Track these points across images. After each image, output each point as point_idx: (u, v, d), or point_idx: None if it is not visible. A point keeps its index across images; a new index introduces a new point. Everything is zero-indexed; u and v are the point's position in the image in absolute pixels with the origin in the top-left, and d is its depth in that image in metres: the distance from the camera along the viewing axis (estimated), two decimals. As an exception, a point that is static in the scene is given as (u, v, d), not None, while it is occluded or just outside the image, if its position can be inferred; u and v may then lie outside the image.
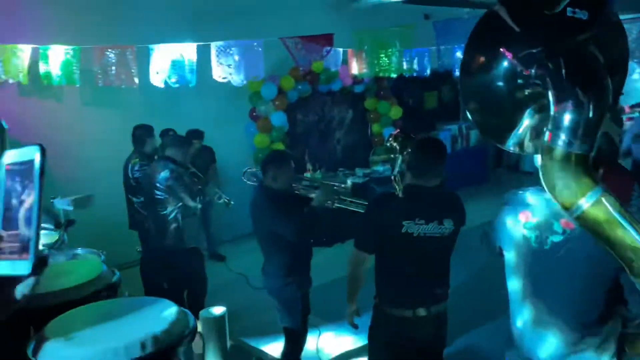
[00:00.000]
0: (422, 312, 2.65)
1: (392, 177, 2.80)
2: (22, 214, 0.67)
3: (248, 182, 4.02)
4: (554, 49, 1.65)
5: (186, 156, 4.48)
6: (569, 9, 1.65)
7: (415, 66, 5.47)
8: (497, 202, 2.24)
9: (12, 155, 0.71)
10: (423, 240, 2.58)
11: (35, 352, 1.11)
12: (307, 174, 7.17)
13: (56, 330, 1.16)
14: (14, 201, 0.68)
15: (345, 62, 6.44)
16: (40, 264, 0.66)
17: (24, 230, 0.66)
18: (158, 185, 4.22)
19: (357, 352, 4.15)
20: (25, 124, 5.03)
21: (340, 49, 5.92)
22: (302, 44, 4.60)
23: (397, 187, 2.72)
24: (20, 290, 0.69)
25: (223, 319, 1.88)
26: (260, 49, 4.75)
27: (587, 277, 1.85)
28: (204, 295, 4.54)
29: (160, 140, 5.09)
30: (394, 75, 5.32)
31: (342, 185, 3.49)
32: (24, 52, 5.01)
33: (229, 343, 1.94)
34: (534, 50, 1.66)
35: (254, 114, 7.41)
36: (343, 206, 3.49)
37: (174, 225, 4.27)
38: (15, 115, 5.09)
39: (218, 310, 1.91)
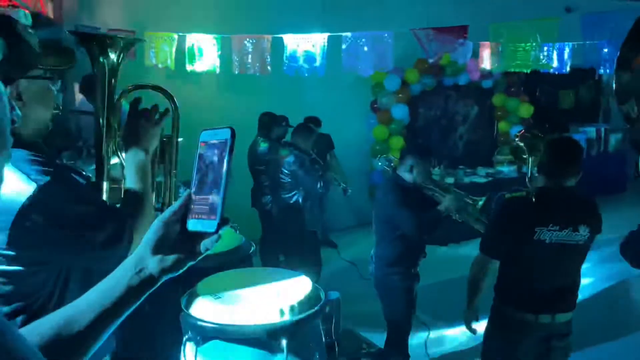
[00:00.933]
0: (545, 318, 2.53)
1: (527, 179, 2.69)
2: (212, 182, 0.80)
3: (382, 166, 4.05)
4: None
5: (308, 143, 4.64)
6: None
7: (555, 62, 5.09)
8: (637, 213, 2.06)
9: (208, 134, 0.85)
10: (556, 248, 2.46)
11: (188, 305, 1.24)
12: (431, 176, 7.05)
13: (205, 289, 1.29)
14: (208, 172, 0.81)
15: (475, 55, 6.20)
16: (223, 224, 0.79)
17: (213, 195, 0.79)
18: (283, 169, 4.44)
19: (467, 353, 4.05)
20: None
21: (471, 42, 5.72)
22: (434, 36, 4.51)
23: (529, 190, 2.60)
24: (205, 245, 0.82)
25: (338, 303, 1.94)
26: (390, 41, 4.75)
27: None
28: (317, 279, 4.71)
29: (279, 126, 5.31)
30: (528, 71, 5.01)
31: (472, 201, 3.37)
32: (172, 40, 5.51)
33: (340, 328, 1.99)
34: None
35: (375, 105, 7.43)
36: (466, 221, 3.40)
37: (294, 208, 4.47)
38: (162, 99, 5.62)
39: (333, 294, 1.97)
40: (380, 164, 4.10)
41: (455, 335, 4.22)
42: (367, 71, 4.95)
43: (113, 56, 1.31)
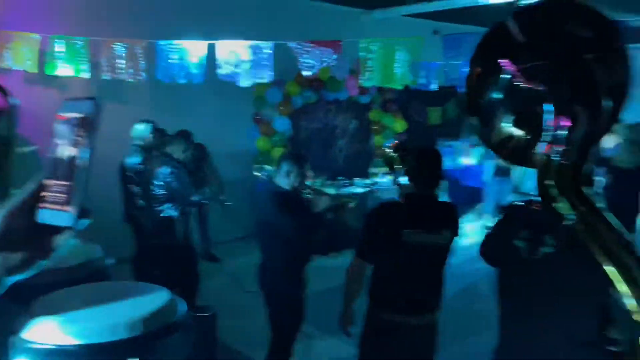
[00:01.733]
0: (414, 319, 2.65)
1: (395, 185, 2.82)
2: (68, 165, 0.66)
3: (257, 174, 4.01)
4: (559, 64, 1.66)
5: (184, 154, 4.48)
6: (577, 27, 1.67)
7: (422, 80, 5.48)
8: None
9: (67, 106, 0.70)
10: (422, 249, 2.58)
11: (20, 327, 1.09)
12: (307, 181, 7.15)
13: (43, 309, 1.14)
14: (66, 153, 0.67)
15: (353, 72, 6.46)
16: (83, 216, 0.66)
17: (70, 182, 0.66)
18: (156, 181, 4.21)
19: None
20: (27, 113, 5.01)
21: (348, 58, 5.94)
22: (310, 50, 4.61)
23: (399, 196, 2.73)
24: (57, 242, 0.69)
25: (213, 319, 1.86)
26: (269, 52, 4.76)
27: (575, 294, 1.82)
28: (195, 294, 4.51)
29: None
30: (399, 88, 5.32)
31: (347, 200, 3.48)
32: (33, 40, 5.02)
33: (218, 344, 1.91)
34: (539, 64, 1.67)
35: (257, 117, 7.41)
36: (345, 222, 3.49)
37: (168, 222, 4.26)
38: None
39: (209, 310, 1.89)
40: (257, 173, 4.08)
41: (338, 343, 4.27)
42: (245, 82, 4.90)
43: None
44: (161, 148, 4.67)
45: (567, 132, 1.63)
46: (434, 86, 6.02)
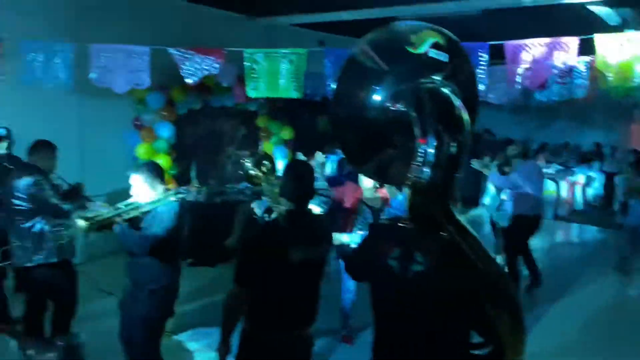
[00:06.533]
0: (291, 335, 2.65)
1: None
2: None
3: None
4: (416, 86, 1.75)
5: (51, 162, 4.09)
6: (431, 50, 1.78)
7: (307, 90, 5.54)
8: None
9: None
10: (303, 266, 2.58)
11: None
12: (191, 190, 6.92)
13: None
14: None
15: (241, 78, 6.37)
16: None
17: None
18: (19, 194, 3.82)
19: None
20: None
21: (234, 65, 5.85)
22: (190, 57, 4.46)
23: (273, 212, 2.70)
24: None
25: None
26: (146, 57, 4.53)
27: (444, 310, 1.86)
28: (71, 315, 4.13)
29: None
30: (284, 97, 5.35)
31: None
32: None
33: None
34: (399, 88, 1.76)
35: (137, 122, 7.04)
36: None
37: (36, 237, 3.88)
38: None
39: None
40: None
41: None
42: (122, 87, 4.62)
43: None
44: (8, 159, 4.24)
45: (433, 152, 1.72)
46: (318, 97, 6.13)
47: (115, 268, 3.85)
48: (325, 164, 7.64)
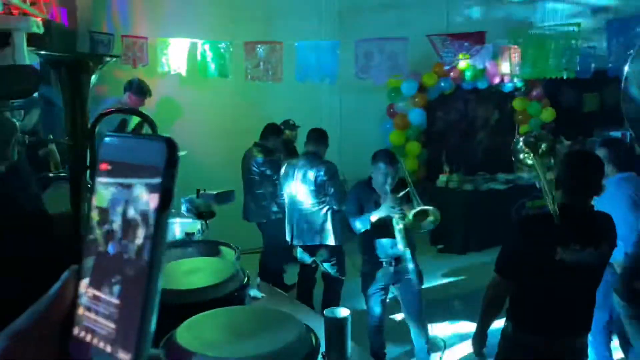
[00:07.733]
0: (561, 343, 2.39)
1: (538, 187, 2.52)
2: (126, 265, 0.37)
3: None
4: None
5: (324, 150, 4.37)
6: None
7: (577, 67, 4.86)
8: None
9: (116, 146, 0.40)
10: (576, 268, 2.29)
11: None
12: (443, 177, 6.86)
13: (188, 336, 1.15)
14: (115, 237, 0.38)
15: (495, 58, 6.03)
16: None
17: (124, 299, 0.37)
18: (317, 180, 4.12)
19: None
20: (186, 114, 5.55)
21: (490, 46, 5.55)
22: (450, 42, 4.35)
23: (548, 204, 2.42)
24: None
25: (346, 321, 1.80)
26: (405, 46, 4.60)
27: None
28: (338, 296, 4.34)
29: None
30: (551, 76, 4.81)
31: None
32: (184, 45, 5.45)
33: (350, 345, 1.85)
34: None
35: (392, 110, 7.28)
36: None
37: (325, 221, 4.21)
38: (177, 106, 5.68)
39: (344, 312, 1.83)
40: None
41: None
42: (381, 79, 4.80)
43: (87, 77, 1.20)
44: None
45: None
46: (590, 72, 5.35)
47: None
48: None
